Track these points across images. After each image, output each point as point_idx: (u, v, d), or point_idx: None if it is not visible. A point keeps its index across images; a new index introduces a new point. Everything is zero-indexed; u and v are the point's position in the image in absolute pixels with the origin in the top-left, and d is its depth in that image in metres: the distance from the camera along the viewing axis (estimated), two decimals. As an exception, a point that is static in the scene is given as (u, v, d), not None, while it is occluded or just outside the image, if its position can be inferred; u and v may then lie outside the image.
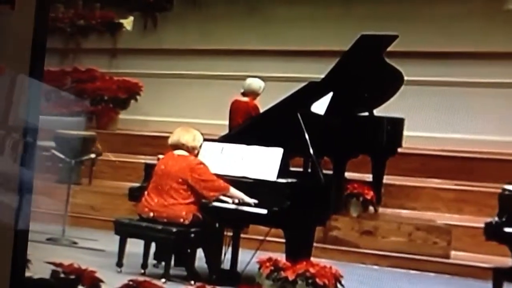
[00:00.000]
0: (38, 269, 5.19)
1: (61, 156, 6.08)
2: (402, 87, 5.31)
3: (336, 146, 5.24)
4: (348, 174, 5.48)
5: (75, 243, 5.86)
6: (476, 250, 5.08)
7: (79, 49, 6.87)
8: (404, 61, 5.34)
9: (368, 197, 5.51)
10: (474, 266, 5.00)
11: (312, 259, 4.80)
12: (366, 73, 5.22)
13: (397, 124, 5.44)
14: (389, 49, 5.25)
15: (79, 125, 6.54)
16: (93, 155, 6.24)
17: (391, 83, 5.30)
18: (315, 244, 4.93)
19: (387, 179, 5.55)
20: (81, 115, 6.62)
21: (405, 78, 5.31)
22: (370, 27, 5.29)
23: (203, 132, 5.16)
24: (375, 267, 5.26)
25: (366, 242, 5.40)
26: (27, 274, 5.18)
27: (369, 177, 5.53)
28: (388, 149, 5.46)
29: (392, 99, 5.33)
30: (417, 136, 5.50)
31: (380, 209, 5.59)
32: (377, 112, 5.43)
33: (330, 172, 5.31)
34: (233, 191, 4.80)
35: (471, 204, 5.38)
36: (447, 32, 5.42)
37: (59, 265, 5.15)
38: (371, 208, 5.56)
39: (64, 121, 6.51)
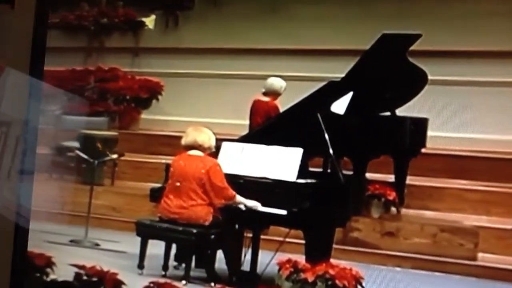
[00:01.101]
0: (62, 272, 5.55)
1: (85, 156, 6.38)
2: (426, 87, 5.46)
3: (357, 147, 5.44)
4: (369, 175, 5.67)
5: (97, 244, 6.16)
6: (505, 252, 5.22)
7: (102, 48, 7.13)
8: (429, 60, 5.48)
9: (390, 198, 5.69)
10: (502, 268, 5.13)
11: (331, 260, 5.05)
12: (388, 73, 5.41)
13: (420, 124, 5.59)
14: (412, 48, 5.40)
15: (103, 125, 6.83)
16: (115, 156, 6.52)
17: (414, 82, 5.46)
18: (334, 246, 5.17)
19: (410, 180, 5.70)
20: (104, 115, 6.91)
21: (430, 77, 5.46)
22: (392, 26, 5.43)
23: (223, 132, 5.47)
24: (397, 268, 5.44)
25: (387, 244, 5.58)
26: (52, 276, 5.53)
27: (391, 177, 5.70)
28: (411, 150, 5.62)
29: (416, 99, 5.49)
30: (441, 136, 5.62)
31: (403, 210, 5.75)
32: (400, 112, 5.58)
33: (350, 172, 5.53)
34: (238, 199, 5.09)
35: (499, 206, 5.49)
36: (472, 31, 5.50)
37: (82, 267, 5.52)
38: (393, 209, 5.73)
39: (88, 121, 6.82)
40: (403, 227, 5.64)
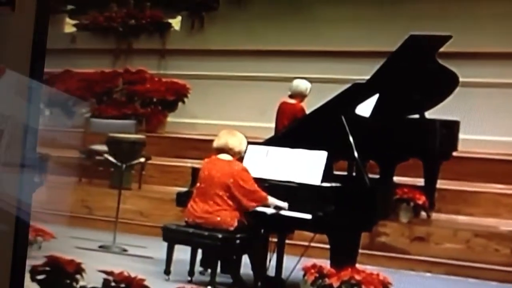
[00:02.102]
0: (91, 278, 5.82)
1: (113, 160, 6.65)
2: (458, 89, 5.60)
3: (383, 150, 5.60)
4: (397, 179, 5.81)
5: (125, 250, 6.42)
6: (544, 259, 5.33)
7: (130, 50, 7.40)
8: (461, 62, 5.62)
9: (420, 202, 5.82)
10: (541, 275, 5.24)
11: (357, 265, 5.23)
12: (416, 75, 5.55)
13: (451, 127, 5.72)
14: (443, 49, 5.53)
15: (130, 128, 7.11)
16: (142, 159, 6.78)
17: (444, 84, 5.59)
18: (360, 251, 5.34)
19: (441, 184, 5.83)
20: (132, 118, 7.18)
21: (461, 79, 5.59)
22: (420, 27, 5.57)
23: (249, 135, 5.66)
24: (427, 274, 5.57)
25: (417, 249, 5.70)
26: (82, 283, 5.82)
27: (420, 181, 5.83)
28: (441, 153, 5.77)
29: (446, 101, 5.62)
30: (474, 140, 5.73)
31: (434, 215, 5.88)
32: (431, 114, 5.73)
33: (377, 176, 5.69)
34: (270, 200, 5.31)
35: (538, 211, 5.62)
36: (504, 32, 5.57)
37: (110, 273, 5.76)
38: (423, 214, 5.86)
39: (116, 124, 7.10)
40: (434, 232, 5.76)
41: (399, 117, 5.70)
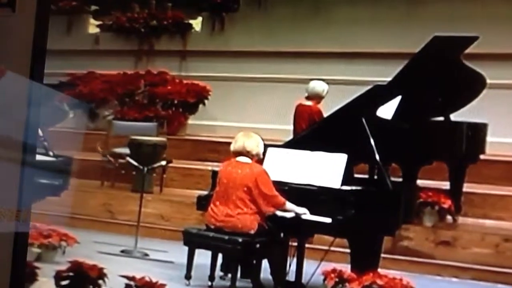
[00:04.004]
0: (113, 283, 6.01)
1: (135, 163, 6.88)
2: (485, 91, 5.74)
3: (406, 153, 5.74)
4: (421, 182, 5.97)
5: (146, 255, 6.64)
6: None
7: (152, 51, 7.64)
8: (488, 63, 5.77)
9: (445, 206, 5.98)
10: None
11: (379, 270, 5.40)
12: (440, 76, 5.68)
13: (478, 130, 5.88)
14: (469, 51, 5.68)
15: (152, 130, 7.35)
16: (164, 162, 7.01)
17: (470, 86, 5.75)
18: (383, 255, 5.50)
19: (468, 187, 5.97)
20: (153, 120, 7.43)
21: (489, 81, 5.74)
22: (441, 28, 5.73)
23: (268, 137, 5.82)
24: (454, 279, 5.72)
25: (443, 253, 5.86)
26: (104, 288, 6.06)
27: (446, 184, 5.98)
28: (467, 156, 5.90)
29: (474, 104, 5.77)
30: (503, 142, 5.92)
31: (460, 219, 6.02)
32: (458, 116, 5.87)
33: (399, 179, 5.86)
34: (288, 206, 5.48)
35: None
36: None
37: (132, 278, 5.95)
38: (448, 218, 6.01)
39: (137, 127, 7.35)
40: (461, 236, 5.91)
41: (423, 119, 5.83)
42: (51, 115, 7.14)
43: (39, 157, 6.64)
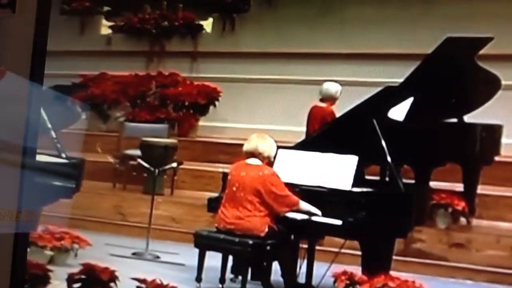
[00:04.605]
0: (124, 286, 6.12)
1: (146, 165, 6.95)
2: (500, 92, 5.77)
3: (418, 154, 5.78)
4: (434, 184, 5.99)
5: (157, 257, 6.72)
6: None
7: (163, 52, 7.71)
8: (504, 64, 5.80)
9: (459, 207, 5.99)
10: None
11: (391, 272, 5.44)
12: (453, 78, 5.70)
13: (493, 131, 5.90)
14: (484, 51, 5.69)
15: (163, 132, 7.41)
16: (175, 164, 7.07)
17: (484, 88, 5.77)
18: (394, 257, 5.54)
19: (482, 189, 5.98)
20: (165, 122, 7.50)
21: (504, 82, 5.76)
22: (454, 29, 5.73)
23: (279, 139, 5.86)
24: (468, 281, 5.74)
25: (456, 255, 5.88)
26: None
27: (459, 186, 5.99)
28: (482, 158, 5.93)
29: (489, 105, 5.79)
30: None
31: (474, 221, 6.03)
32: (472, 118, 5.89)
33: (411, 181, 5.88)
34: (302, 205, 5.54)
35: None
36: None
37: (143, 281, 6.05)
38: (462, 220, 6.03)
39: (149, 128, 7.42)
40: (475, 239, 5.93)
41: (436, 121, 5.87)
42: (64, 116, 7.24)
43: (52, 159, 6.77)
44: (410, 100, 5.71)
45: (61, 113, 7.15)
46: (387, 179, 5.73)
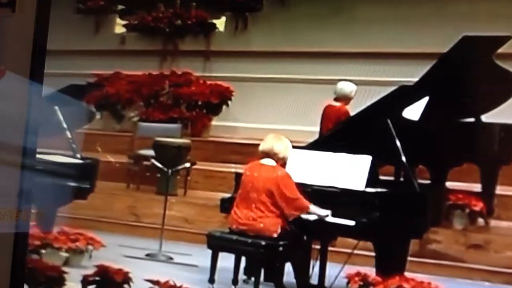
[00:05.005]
0: (138, 287, 6.17)
1: (159, 165, 6.98)
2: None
3: (434, 154, 5.76)
4: (450, 184, 5.94)
5: (171, 258, 6.75)
6: None
7: (176, 51, 7.73)
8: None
9: (477, 208, 5.95)
10: None
11: (406, 273, 5.44)
12: (471, 77, 5.67)
13: (512, 131, 5.81)
14: (502, 50, 5.65)
15: (176, 132, 7.43)
16: (188, 164, 7.09)
17: (503, 87, 5.73)
18: (409, 258, 5.53)
19: (501, 190, 5.94)
20: (178, 121, 7.52)
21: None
22: (470, 27, 5.71)
23: (291, 139, 5.86)
24: (486, 283, 5.71)
25: (474, 257, 5.84)
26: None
27: (477, 186, 5.95)
28: (500, 158, 5.88)
29: (508, 104, 5.75)
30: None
31: (492, 222, 5.99)
32: (490, 117, 5.84)
33: (426, 181, 5.84)
34: (312, 209, 5.56)
35: None
36: None
37: (156, 282, 6.11)
38: (480, 221, 5.99)
39: (162, 128, 7.44)
40: (494, 240, 5.90)
41: (452, 120, 5.84)
42: (79, 116, 7.28)
43: (67, 159, 6.81)
44: (425, 99, 5.68)
45: (76, 113, 7.21)
46: (401, 179, 5.70)
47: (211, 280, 5.93)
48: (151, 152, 7.29)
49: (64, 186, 6.67)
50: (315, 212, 5.58)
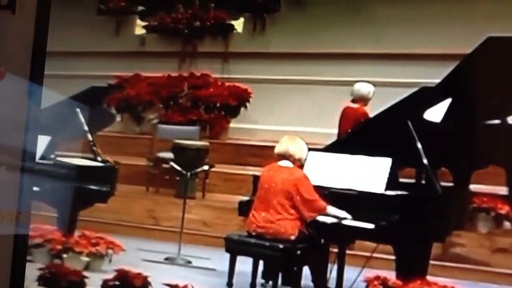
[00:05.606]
0: (157, 292, 6.10)
1: (178, 168, 6.99)
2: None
3: (457, 156, 5.70)
4: (474, 187, 5.89)
5: (189, 262, 6.76)
6: None
7: (194, 53, 7.76)
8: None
9: (503, 211, 5.89)
10: None
11: (428, 277, 5.40)
12: (495, 78, 5.60)
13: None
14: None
15: (194, 134, 7.45)
16: (206, 167, 7.11)
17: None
18: (432, 262, 5.50)
19: (528, 193, 5.83)
20: (196, 124, 7.54)
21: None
22: (496, 28, 5.63)
23: (309, 141, 5.88)
24: (513, 288, 5.64)
25: (500, 261, 5.77)
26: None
27: (502, 189, 5.91)
28: (528, 160, 5.78)
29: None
30: None
31: (520, 226, 5.90)
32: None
33: (449, 184, 5.80)
34: (329, 210, 5.55)
35: None
36: None
37: (175, 287, 6.14)
38: (506, 224, 5.93)
39: (180, 130, 7.46)
40: (521, 244, 5.82)
41: (477, 122, 5.78)
42: (100, 118, 7.33)
43: (87, 162, 6.86)
44: (448, 101, 5.65)
45: (97, 115, 7.25)
46: (423, 182, 5.68)
47: (229, 284, 5.96)
48: (170, 155, 7.32)
49: (85, 189, 6.70)
50: (333, 213, 5.57)
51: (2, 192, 4.90)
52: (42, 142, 6.54)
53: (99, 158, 6.96)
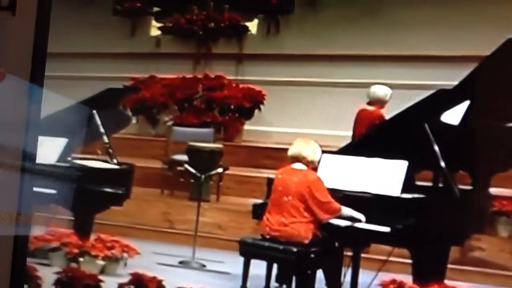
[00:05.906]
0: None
1: (193, 171, 6.97)
2: None
3: (476, 160, 5.63)
4: (495, 190, 5.84)
5: (204, 266, 6.75)
6: None
7: (209, 54, 7.76)
8: None
9: (524, 215, 5.78)
10: None
11: (446, 281, 5.36)
12: None
13: None
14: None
15: (209, 136, 7.44)
16: (221, 169, 7.09)
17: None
18: (450, 266, 5.45)
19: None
20: (211, 126, 7.53)
21: None
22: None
23: (323, 143, 5.83)
24: (534, 293, 5.57)
25: None
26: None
27: None
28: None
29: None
30: None
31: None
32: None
33: (468, 187, 5.71)
34: (344, 211, 5.50)
35: None
36: None
37: (190, 290, 6.02)
38: (527, 228, 5.83)
39: (195, 133, 7.46)
40: (543, 248, 5.75)
41: (496, 125, 5.72)
42: (116, 120, 7.32)
43: (103, 165, 6.85)
44: (466, 103, 5.57)
45: (113, 117, 7.25)
46: (440, 185, 5.63)
47: (243, 288, 5.89)
48: (184, 157, 7.31)
49: (101, 191, 6.70)
50: (349, 213, 5.53)
51: (2, 192, 4.88)
52: (59, 144, 6.55)
53: (114, 160, 6.94)
